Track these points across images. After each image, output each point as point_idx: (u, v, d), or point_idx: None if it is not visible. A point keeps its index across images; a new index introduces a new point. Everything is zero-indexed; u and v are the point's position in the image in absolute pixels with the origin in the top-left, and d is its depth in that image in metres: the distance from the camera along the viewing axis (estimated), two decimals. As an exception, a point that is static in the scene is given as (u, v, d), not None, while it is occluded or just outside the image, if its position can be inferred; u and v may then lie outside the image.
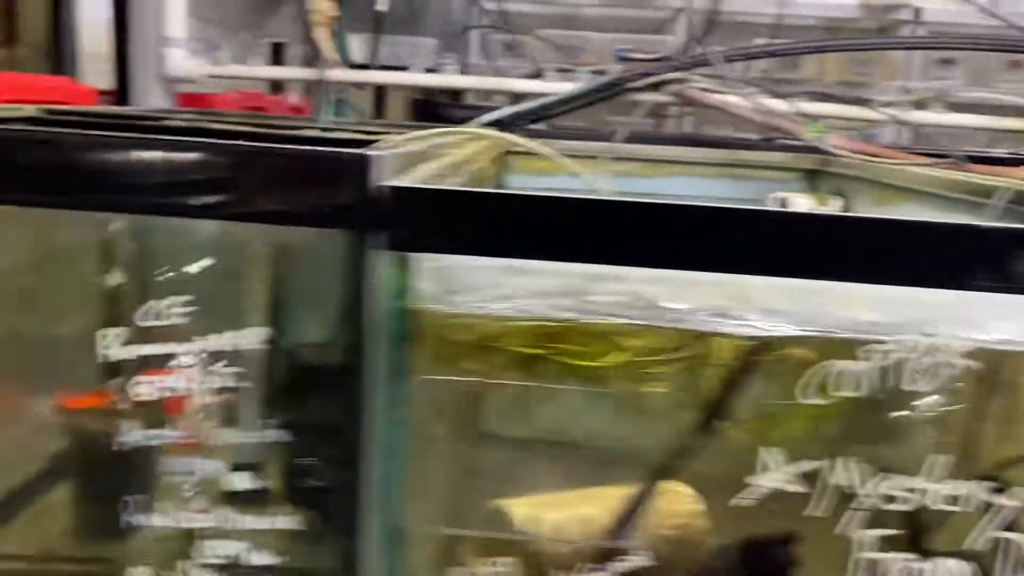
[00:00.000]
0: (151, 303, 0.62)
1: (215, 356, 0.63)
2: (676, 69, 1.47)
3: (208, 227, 0.63)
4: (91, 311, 0.74)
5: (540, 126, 1.52)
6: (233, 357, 0.63)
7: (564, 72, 1.60)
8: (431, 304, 0.61)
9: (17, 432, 1.01)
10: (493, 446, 0.70)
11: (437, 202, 0.60)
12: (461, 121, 2.19)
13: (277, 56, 2.43)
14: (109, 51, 1.72)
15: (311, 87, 2.67)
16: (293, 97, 2.33)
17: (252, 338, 0.62)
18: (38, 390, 0.92)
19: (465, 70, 3.80)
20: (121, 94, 1.73)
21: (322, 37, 1.64)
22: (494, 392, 0.65)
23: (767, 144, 1.80)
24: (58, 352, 0.88)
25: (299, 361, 0.64)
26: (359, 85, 1.86)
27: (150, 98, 1.71)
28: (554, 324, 0.61)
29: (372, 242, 0.60)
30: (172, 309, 0.62)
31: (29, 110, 1.17)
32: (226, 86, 1.94)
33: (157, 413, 0.64)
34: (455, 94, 3.34)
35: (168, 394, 0.64)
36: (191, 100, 1.76)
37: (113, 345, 0.63)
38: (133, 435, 0.65)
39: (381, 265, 0.60)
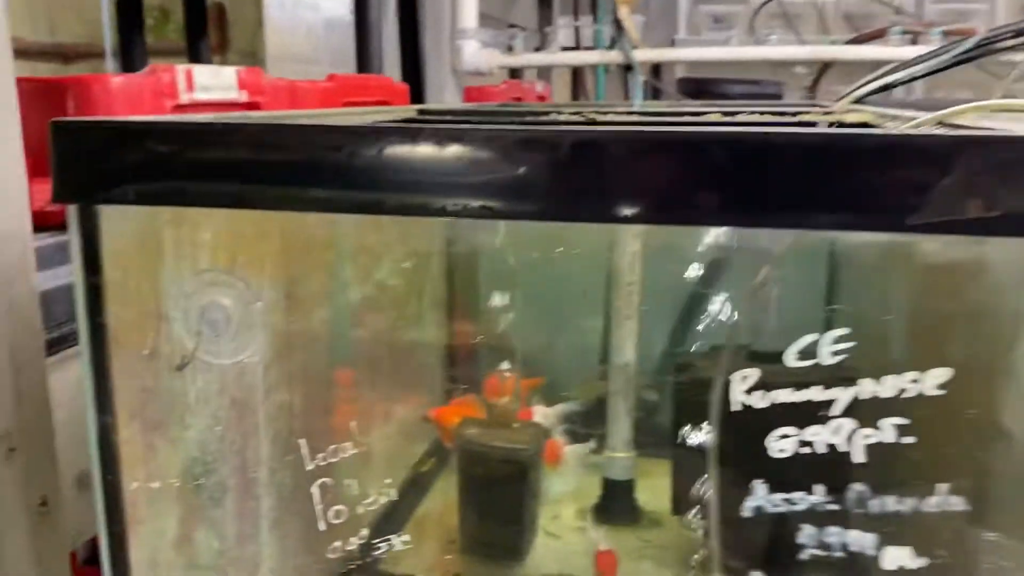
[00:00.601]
0: (806, 338, 0.47)
1: (875, 404, 0.48)
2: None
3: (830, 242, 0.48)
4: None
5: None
6: (897, 405, 0.48)
7: (909, 35, 1.39)
8: None
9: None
10: None
11: None
12: (743, 96, 2.00)
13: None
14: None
15: (542, 72, 2.52)
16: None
17: (928, 382, 0.47)
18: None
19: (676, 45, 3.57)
20: (416, 89, 1.62)
21: (626, 17, 1.49)
22: None
23: None
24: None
25: (980, 411, 0.49)
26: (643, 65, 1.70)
27: (445, 93, 1.61)
28: None
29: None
30: (830, 347, 0.47)
31: (407, 112, 1.07)
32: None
33: (797, 472, 0.50)
34: (656, 67, 3.13)
35: (811, 451, 0.49)
36: (473, 93, 1.65)
37: (739, 389, 0.49)
38: (757, 499, 0.51)
39: None
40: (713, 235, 0.73)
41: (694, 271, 1.16)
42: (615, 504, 1.14)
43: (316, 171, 0.53)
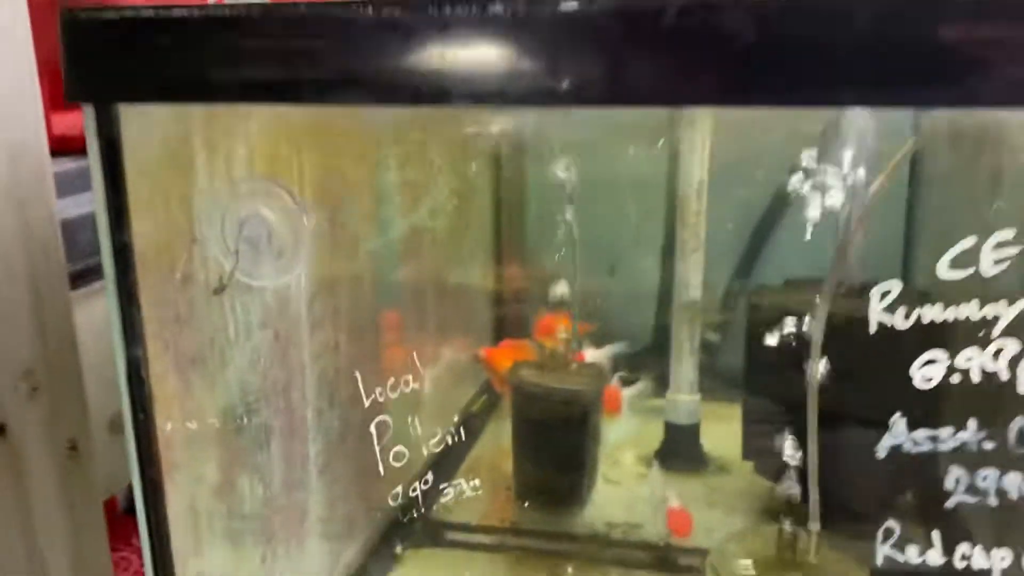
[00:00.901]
0: (964, 243, 0.38)
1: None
2: None
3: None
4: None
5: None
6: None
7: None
8: None
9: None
10: None
11: None
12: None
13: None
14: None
15: None
16: None
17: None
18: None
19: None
20: None
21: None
22: None
23: None
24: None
25: None
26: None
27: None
28: None
29: None
30: (993, 253, 0.38)
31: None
32: None
33: (945, 405, 0.42)
34: None
35: (963, 379, 0.41)
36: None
37: (878, 307, 0.40)
38: (895, 437, 0.42)
39: None
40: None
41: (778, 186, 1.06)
42: (679, 449, 1.06)
43: (366, 56, 0.44)
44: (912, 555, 0.43)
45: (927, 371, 0.41)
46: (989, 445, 0.41)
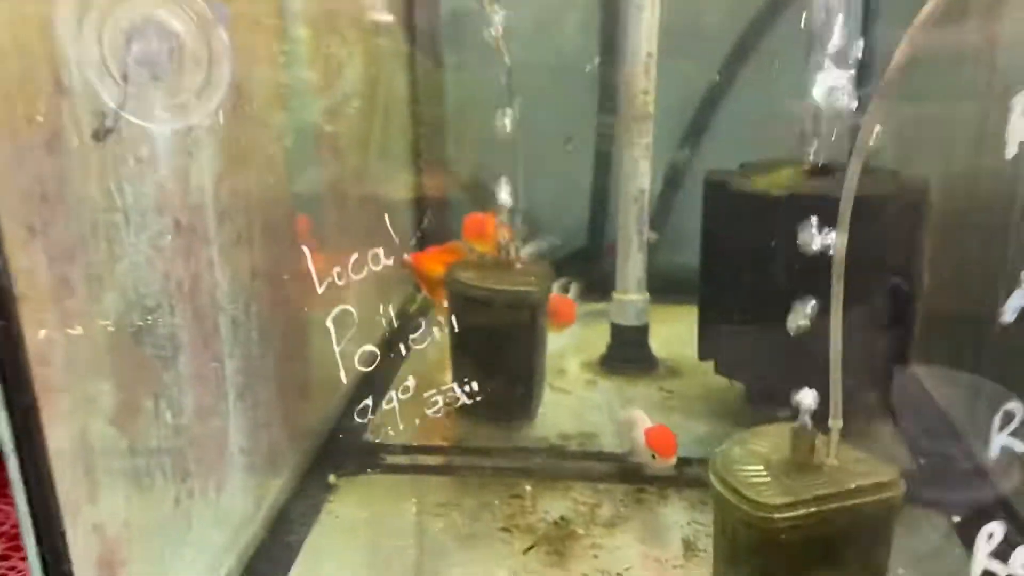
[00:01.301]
0: None
1: None
2: None
3: None
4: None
5: None
6: None
7: None
8: None
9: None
10: None
11: None
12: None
13: None
14: None
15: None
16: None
17: None
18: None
19: None
20: None
21: None
22: None
23: None
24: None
25: None
26: None
27: None
28: None
29: None
30: None
31: None
32: None
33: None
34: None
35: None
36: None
37: (1020, 124, 0.30)
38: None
39: None
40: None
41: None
42: (628, 352, 0.96)
43: None
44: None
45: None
46: None
